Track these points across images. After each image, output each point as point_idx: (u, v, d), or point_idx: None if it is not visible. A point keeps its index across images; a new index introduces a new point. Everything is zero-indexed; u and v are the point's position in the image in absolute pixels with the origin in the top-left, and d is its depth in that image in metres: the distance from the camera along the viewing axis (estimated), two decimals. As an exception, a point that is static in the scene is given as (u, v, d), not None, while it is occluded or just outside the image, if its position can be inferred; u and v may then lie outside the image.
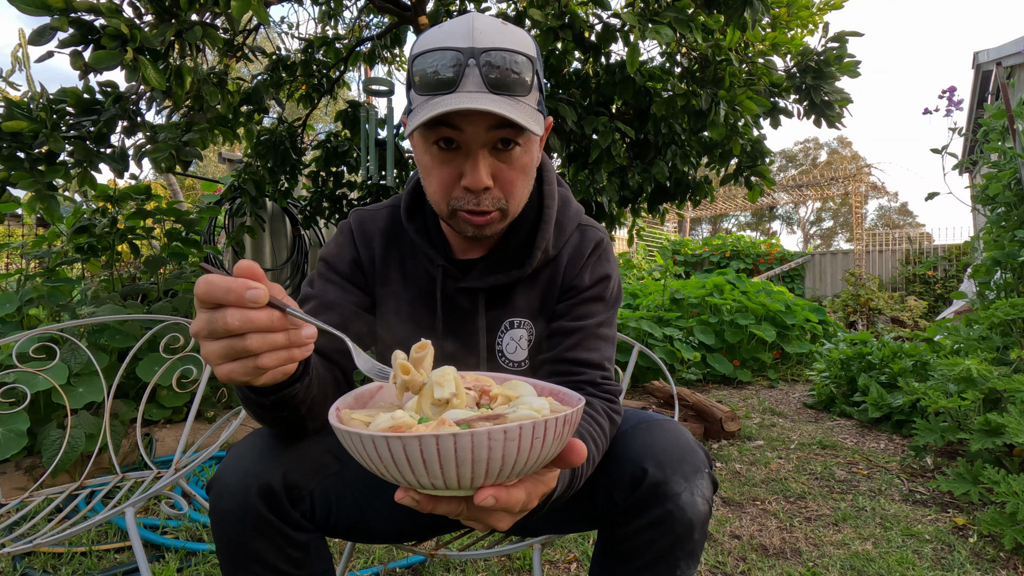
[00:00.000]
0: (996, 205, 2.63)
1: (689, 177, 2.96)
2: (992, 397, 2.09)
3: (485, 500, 0.45)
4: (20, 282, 2.48)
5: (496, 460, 0.42)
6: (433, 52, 0.66)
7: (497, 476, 0.44)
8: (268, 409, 0.62)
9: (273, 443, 0.71)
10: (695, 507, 0.66)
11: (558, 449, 0.47)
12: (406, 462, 0.41)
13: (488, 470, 0.42)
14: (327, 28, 3.51)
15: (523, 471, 0.45)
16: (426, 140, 0.71)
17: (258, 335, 0.47)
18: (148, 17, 1.79)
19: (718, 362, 4.12)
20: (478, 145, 0.68)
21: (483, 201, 0.71)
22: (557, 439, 0.45)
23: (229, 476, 0.68)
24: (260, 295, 0.46)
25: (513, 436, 0.41)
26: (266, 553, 0.68)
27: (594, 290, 0.83)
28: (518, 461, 0.43)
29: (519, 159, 0.72)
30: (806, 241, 29.86)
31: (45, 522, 1.53)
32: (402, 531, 0.84)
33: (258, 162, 3.21)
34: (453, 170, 0.71)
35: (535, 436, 0.42)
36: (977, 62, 6.54)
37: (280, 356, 0.49)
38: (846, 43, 2.62)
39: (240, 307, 0.46)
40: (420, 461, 0.41)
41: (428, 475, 0.42)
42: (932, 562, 1.53)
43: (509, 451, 0.42)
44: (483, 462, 0.42)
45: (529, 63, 0.68)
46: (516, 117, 0.65)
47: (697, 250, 10.68)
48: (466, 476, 0.43)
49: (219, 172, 12.69)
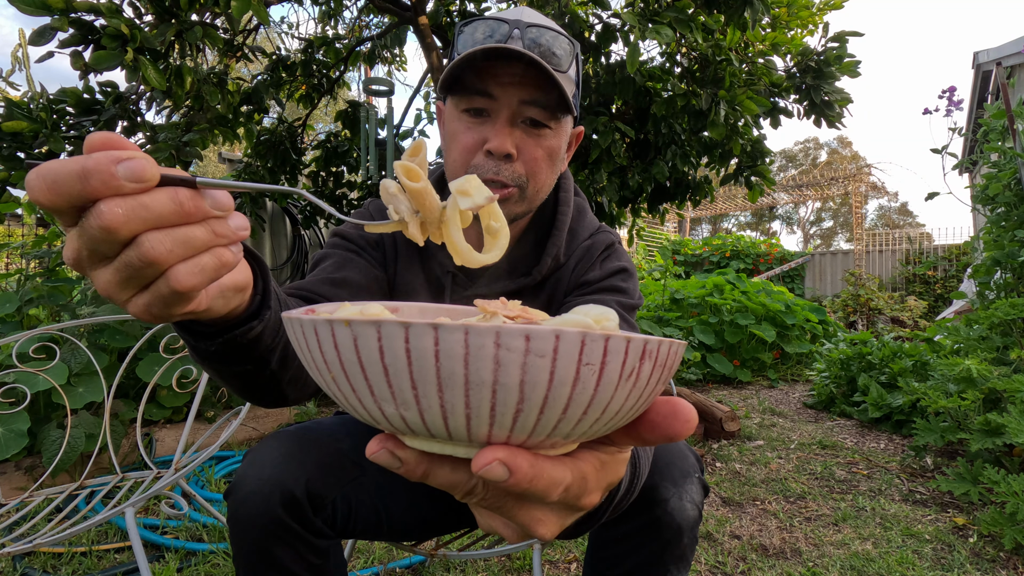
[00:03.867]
0: (996, 205, 2.63)
1: (689, 177, 2.96)
2: (992, 397, 2.09)
3: (490, 467, 0.25)
4: (20, 282, 2.48)
5: (510, 388, 0.23)
6: (482, 21, 0.69)
7: (515, 423, 0.25)
8: (220, 360, 0.47)
9: (294, 449, 0.70)
10: (684, 512, 0.66)
11: (638, 399, 0.27)
12: (358, 369, 0.24)
13: (496, 406, 0.24)
14: (327, 28, 3.51)
15: (566, 424, 0.25)
16: (457, 107, 0.71)
17: (158, 233, 0.30)
18: (148, 17, 1.79)
19: (718, 362, 4.12)
20: (508, 112, 0.69)
21: (503, 171, 0.69)
22: (630, 379, 0.25)
23: (250, 483, 0.66)
24: (140, 166, 0.28)
25: (542, 348, 0.23)
26: (287, 560, 0.68)
27: (608, 281, 0.76)
28: (553, 397, 0.24)
29: (547, 140, 0.71)
30: (806, 241, 29.86)
31: (45, 522, 1.53)
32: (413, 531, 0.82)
33: (258, 162, 3.21)
34: (479, 136, 0.70)
35: (584, 358, 0.23)
36: (977, 62, 6.55)
37: (203, 262, 0.32)
38: (846, 43, 2.62)
39: (116, 193, 0.28)
40: (379, 369, 0.24)
41: (395, 400, 0.25)
42: (932, 562, 1.53)
43: (534, 373, 0.23)
44: (485, 386, 0.23)
45: (571, 48, 0.70)
46: (555, 75, 0.66)
47: (697, 250, 10.68)
48: (457, 410, 0.24)
49: (219, 172, 12.69)
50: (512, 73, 0.67)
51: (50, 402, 2.09)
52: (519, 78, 0.67)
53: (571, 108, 0.70)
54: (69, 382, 2.07)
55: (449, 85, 0.70)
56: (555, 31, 0.69)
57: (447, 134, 0.75)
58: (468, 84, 0.69)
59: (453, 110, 0.72)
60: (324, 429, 0.76)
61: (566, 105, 0.69)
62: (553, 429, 0.25)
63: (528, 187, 0.72)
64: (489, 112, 0.70)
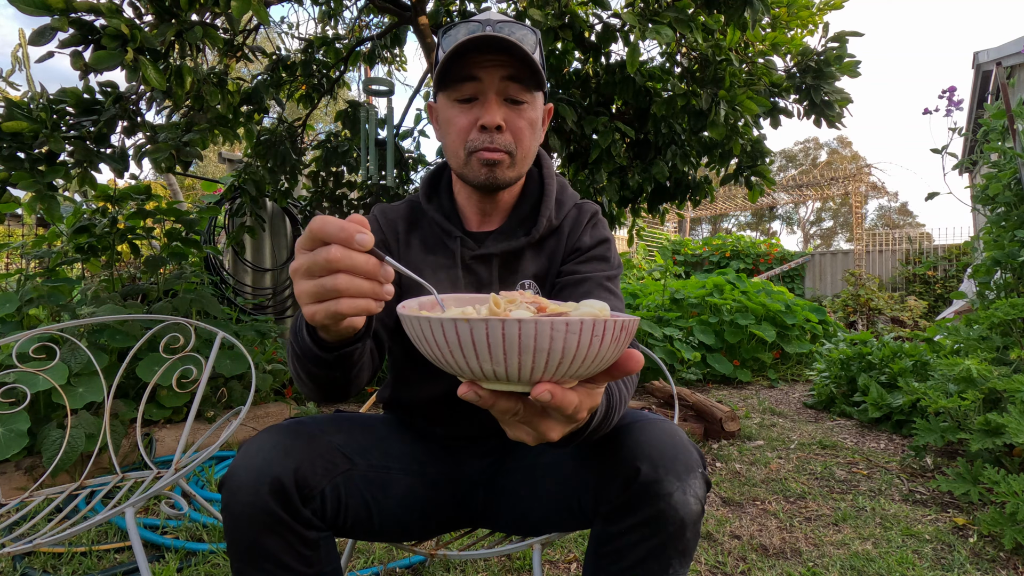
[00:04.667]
0: (996, 205, 2.63)
1: (689, 177, 2.96)
2: (992, 397, 2.09)
3: (542, 394, 0.46)
4: (20, 282, 2.48)
5: (556, 351, 0.44)
6: (460, 25, 0.84)
7: (556, 370, 0.45)
8: (328, 367, 0.66)
9: (284, 440, 0.72)
10: (687, 506, 0.67)
11: (616, 353, 0.48)
12: (472, 346, 0.44)
13: (548, 361, 0.44)
14: (327, 28, 3.51)
15: (581, 370, 0.46)
16: (449, 98, 0.85)
17: (347, 276, 0.50)
18: (148, 17, 1.79)
19: (718, 362, 4.12)
20: (492, 91, 0.82)
21: (496, 140, 0.83)
22: (615, 342, 0.46)
23: (241, 473, 0.68)
24: (367, 240, 0.50)
25: (575, 329, 0.43)
26: (278, 551, 0.69)
27: (596, 250, 0.93)
28: (577, 356, 0.44)
29: (526, 112, 0.85)
30: (806, 241, 29.87)
31: (45, 522, 1.53)
32: (408, 530, 0.85)
33: (258, 162, 3.21)
34: (471, 117, 0.84)
35: (594, 333, 0.44)
36: (977, 62, 6.55)
37: (359, 304, 0.51)
38: (846, 43, 2.62)
39: (346, 247, 0.49)
40: (485, 345, 0.43)
41: (492, 361, 0.44)
42: (932, 562, 1.53)
43: (570, 343, 0.43)
44: (544, 352, 0.43)
45: (534, 36, 0.85)
46: (526, 50, 0.79)
47: (697, 250, 10.68)
48: (527, 365, 0.44)
49: (219, 172, 12.69)
50: (491, 58, 0.81)
51: (50, 402, 2.09)
52: (498, 61, 0.81)
53: (542, 84, 0.85)
54: (69, 382, 2.07)
55: (441, 79, 0.83)
56: (520, 25, 0.84)
57: (443, 123, 0.88)
58: (457, 74, 0.82)
59: (446, 102, 0.86)
60: (317, 424, 0.79)
61: (538, 80, 0.84)
62: (573, 374, 0.46)
63: (516, 153, 0.86)
64: (477, 96, 0.83)
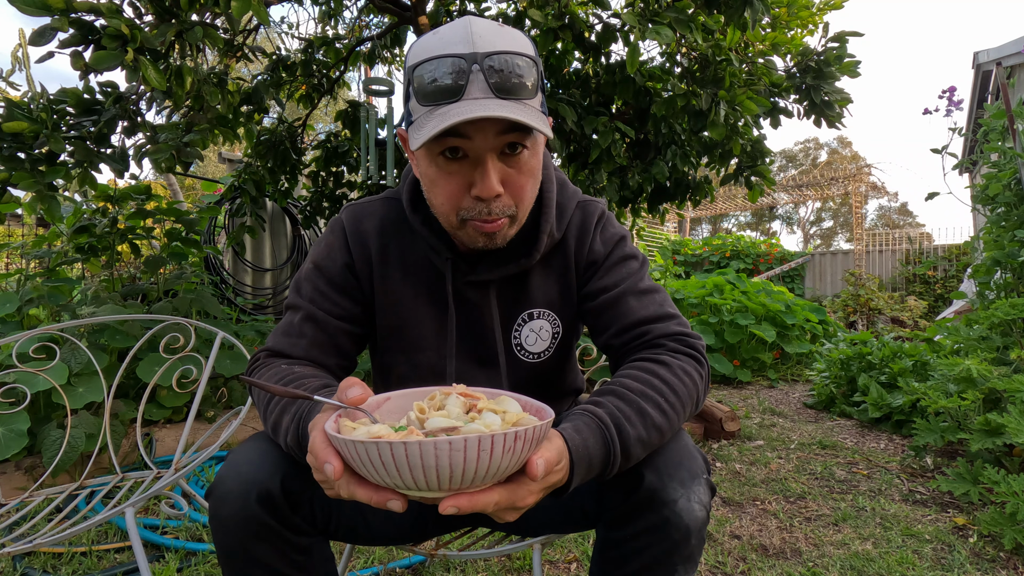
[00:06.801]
0: (996, 205, 2.63)
1: (689, 177, 2.96)
2: (992, 397, 2.09)
3: (447, 509, 0.48)
4: (20, 282, 2.48)
5: (445, 468, 0.46)
6: (433, 60, 0.64)
7: (452, 482, 0.47)
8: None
9: (270, 449, 0.71)
10: (692, 513, 0.66)
11: (518, 461, 0.49)
12: (375, 463, 0.47)
13: (439, 476, 0.46)
14: (327, 28, 3.51)
15: (478, 480, 0.48)
16: (431, 151, 0.68)
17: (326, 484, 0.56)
18: (148, 17, 1.79)
19: (718, 362, 4.12)
20: (487, 152, 0.66)
21: (494, 209, 0.69)
22: (509, 452, 0.47)
23: (228, 483, 0.68)
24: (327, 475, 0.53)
25: (458, 447, 0.45)
26: (269, 558, 0.69)
27: (614, 254, 0.83)
28: (467, 471, 0.46)
29: (527, 163, 0.70)
30: (806, 241, 29.86)
31: (45, 522, 1.53)
32: (403, 532, 0.84)
33: (258, 162, 3.21)
34: (462, 180, 0.69)
35: (481, 448, 0.45)
36: (977, 62, 6.54)
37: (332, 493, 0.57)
38: (846, 43, 2.62)
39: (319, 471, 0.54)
40: (381, 464, 0.47)
41: (399, 476, 0.47)
42: (932, 562, 1.53)
43: (456, 460, 0.45)
44: (433, 469, 0.46)
45: (532, 64, 0.67)
46: (527, 120, 0.63)
47: (697, 250, 10.68)
48: (432, 480, 0.47)
49: (219, 172, 12.68)
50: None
51: (50, 402, 2.09)
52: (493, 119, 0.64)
53: (544, 117, 0.69)
54: (69, 382, 2.07)
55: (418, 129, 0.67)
56: (513, 53, 0.65)
57: (423, 176, 0.72)
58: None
59: (425, 153, 0.69)
60: None
61: (540, 117, 0.68)
62: (479, 481, 0.49)
63: (518, 212, 0.73)
64: (466, 152, 0.67)
